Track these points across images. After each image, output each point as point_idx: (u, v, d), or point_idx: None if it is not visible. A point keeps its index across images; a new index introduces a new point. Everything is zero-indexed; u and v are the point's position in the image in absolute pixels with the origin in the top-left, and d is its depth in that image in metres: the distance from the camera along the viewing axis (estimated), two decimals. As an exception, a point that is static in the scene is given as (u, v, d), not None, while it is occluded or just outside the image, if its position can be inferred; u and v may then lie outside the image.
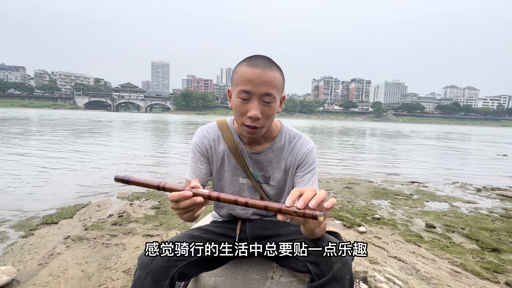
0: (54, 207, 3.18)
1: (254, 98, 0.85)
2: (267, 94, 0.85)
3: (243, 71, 0.85)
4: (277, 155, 1.03)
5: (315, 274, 0.85)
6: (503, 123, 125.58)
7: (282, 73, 0.90)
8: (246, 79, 0.84)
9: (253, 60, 0.86)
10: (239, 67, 0.88)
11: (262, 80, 0.83)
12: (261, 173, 1.05)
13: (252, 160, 1.04)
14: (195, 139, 1.06)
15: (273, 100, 0.86)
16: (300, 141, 1.03)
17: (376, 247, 2.43)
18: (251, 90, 0.84)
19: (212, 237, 1.01)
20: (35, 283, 1.73)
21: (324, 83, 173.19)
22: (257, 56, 0.88)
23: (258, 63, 0.85)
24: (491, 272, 2.09)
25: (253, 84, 0.83)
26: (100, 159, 6.56)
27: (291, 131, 1.06)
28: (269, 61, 0.87)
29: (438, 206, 3.82)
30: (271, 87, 0.85)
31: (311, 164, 1.01)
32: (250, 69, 0.84)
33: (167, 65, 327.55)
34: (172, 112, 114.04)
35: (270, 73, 0.84)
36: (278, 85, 0.87)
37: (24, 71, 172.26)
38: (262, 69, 0.84)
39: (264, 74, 0.83)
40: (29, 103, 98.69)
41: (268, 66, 0.85)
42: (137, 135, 13.91)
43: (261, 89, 0.84)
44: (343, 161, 7.78)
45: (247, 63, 0.86)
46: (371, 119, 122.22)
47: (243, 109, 0.87)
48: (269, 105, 0.87)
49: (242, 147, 1.03)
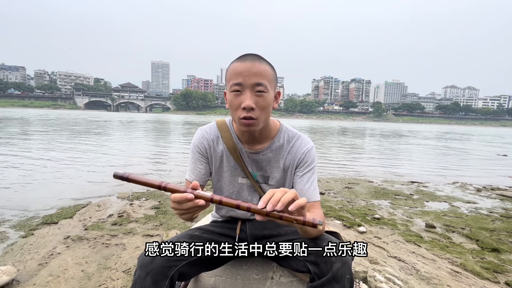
0: (54, 207, 3.18)
1: (246, 89, 0.86)
2: (259, 84, 0.86)
3: (233, 67, 0.88)
4: (276, 154, 1.03)
5: (315, 274, 0.85)
6: (503, 123, 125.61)
7: (273, 68, 0.92)
8: (237, 72, 0.86)
9: (243, 56, 0.89)
10: (231, 65, 0.90)
11: (252, 72, 0.85)
12: (260, 173, 1.05)
13: (251, 160, 1.04)
14: (194, 140, 1.07)
15: (265, 89, 0.87)
16: (299, 141, 1.03)
17: (376, 247, 2.43)
18: (242, 82, 0.86)
19: (212, 237, 1.01)
20: (35, 283, 1.73)
21: (324, 83, 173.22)
22: (248, 53, 0.91)
23: (247, 58, 0.88)
24: (491, 272, 2.09)
25: (243, 76, 0.85)
26: (100, 159, 6.56)
27: (290, 130, 1.06)
28: (259, 57, 0.89)
29: (438, 206, 3.82)
30: (261, 77, 0.86)
31: (310, 163, 1.01)
32: (240, 63, 0.87)
33: (167, 65, 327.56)
34: (172, 112, 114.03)
35: (259, 65, 0.87)
36: (269, 77, 0.89)
37: (24, 71, 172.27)
38: (251, 61, 0.86)
39: (254, 66, 0.86)
40: (29, 103, 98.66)
41: (257, 60, 0.88)
42: (137, 135, 13.92)
43: (252, 79, 0.85)
44: (343, 161, 7.78)
45: (238, 60, 0.89)
46: (371, 119, 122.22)
47: (237, 101, 0.88)
48: (262, 95, 0.87)
49: (241, 146, 1.03)
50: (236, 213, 1.11)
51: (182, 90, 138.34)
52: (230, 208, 1.10)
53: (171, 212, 3.10)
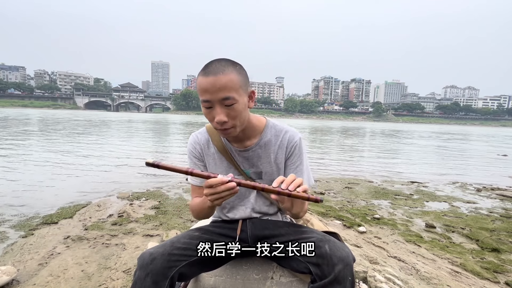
0: (54, 207, 3.18)
1: (215, 105, 0.88)
2: (225, 98, 0.86)
3: (199, 82, 0.88)
4: (266, 150, 1.06)
5: (316, 275, 0.85)
6: (503, 123, 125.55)
7: (239, 71, 0.90)
8: (203, 89, 0.87)
9: (207, 68, 0.87)
10: (198, 78, 0.89)
11: (217, 87, 0.85)
12: (253, 170, 1.07)
13: (242, 158, 1.07)
14: (188, 146, 1.12)
15: (234, 101, 0.87)
16: (288, 134, 1.06)
17: (376, 247, 2.43)
18: (209, 98, 0.87)
19: (212, 237, 1.01)
20: (35, 283, 1.73)
21: (324, 83, 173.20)
22: (212, 62, 0.89)
23: (210, 70, 0.86)
24: (491, 272, 2.09)
25: (210, 93, 0.86)
26: (100, 159, 6.56)
27: (276, 125, 1.09)
28: (222, 65, 0.87)
29: (438, 206, 3.82)
30: (227, 90, 0.86)
31: (300, 155, 1.06)
32: (204, 79, 0.86)
33: (167, 65, 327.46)
34: (172, 112, 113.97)
35: (223, 77, 0.85)
36: (235, 86, 0.88)
37: (24, 71, 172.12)
38: (214, 75, 0.85)
39: (217, 81, 0.85)
40: (29, 103, 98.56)
41: (221, 71, 0.86)
42: (137, 135, 13.92)
43: (218, 95, 0.86)
44: (343, 161, 7.78)
45: (202, 73, 0.87)
46: (371, 119, 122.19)
47: (210, 116, 0.91)
48: (232, 107, 0.88)
49: (230, 146, 1.07)
50: (236, 213, 1.11)
51: (182, 90, 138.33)
52: (231, 208, 1.11)
53: (171, 212, 3.10)
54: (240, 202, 1.10)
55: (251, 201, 1.10)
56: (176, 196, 3.75)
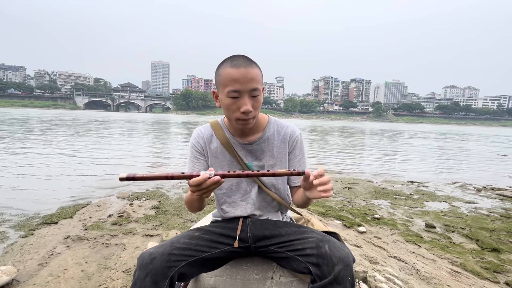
0: (54, 207, 3.18)
1: (244, 95, 0.94)
2: (254, 89, 0.94)
3: (228, 72, 0.93)
4: (269, 144, 1.11)
5: (316, 276, 0.85)
6: (503, 123, 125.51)
7: (260, 68, 1.00)
8: (233, 79, 0.92)
9: (234, 61, 0.93)
10: (223, 69, 0.94)
11: (248, 78, 0.92)
12: (256, 163, 1.11)
13: (246, 151, 1.10)
14: (191, 140, 1.15)
15: (259, 92, 0.96)
16: (289, 129, 1.13)
17: (376, 247, 2.43)
18: (240, 88, 0.92)
19: (212, 237, 1.01)
20: (35, 283, 1.73)
21: (324, 83, 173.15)
22: (236, 56, 0.95)
23: (239, 63, 0.93)
24: (491, 272, 2.09)
25: (240, 83, 0.92)
26: (100, 159, 6.56)
27: (278, 121, 1.16)
28: (249, 60, 0.95)
29: (438, 206, 3.82)
30: (256, 82, 0.94)
31: (301, 148, 1.15)
32: (235, 70, 0.92)
33: (167, 65, 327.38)
34: (172, 112, 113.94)
35: (252, 70, 0.93)
36: (260, 79, 0.97)
37: (24, 71, 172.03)
38: (245, 68, 0.92)
39: (248, 72, 0.92)
40: (29, 103, 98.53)
41: (249, 64, 0.94)
42: (137, 135, 13.91)
43: (248, 86, 0.93)
44: (343, 161, 7.78)
45: (230, 65, 0.93)
46: (371, 119, 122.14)
47: (235, 106, 0.95)
48: (257, 98, 0.96)
49: (234, 141, 1.10)
50: (237, 209, 1.12)
51: (182, 90, 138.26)
52: (231, 208, 1.11)
53: (171, 212, 3.10)
54: (241, 198, 1.11)
55: (252, 197, 1.10)
56: (176, 196, 3.75)
